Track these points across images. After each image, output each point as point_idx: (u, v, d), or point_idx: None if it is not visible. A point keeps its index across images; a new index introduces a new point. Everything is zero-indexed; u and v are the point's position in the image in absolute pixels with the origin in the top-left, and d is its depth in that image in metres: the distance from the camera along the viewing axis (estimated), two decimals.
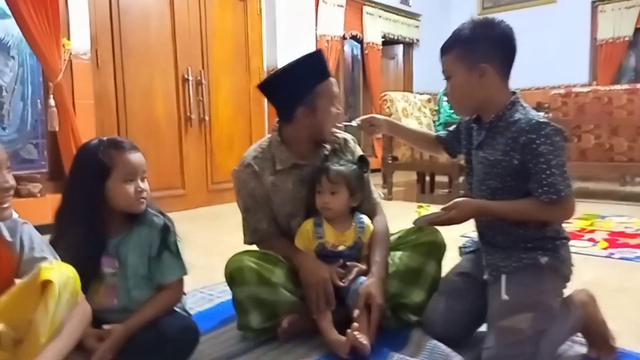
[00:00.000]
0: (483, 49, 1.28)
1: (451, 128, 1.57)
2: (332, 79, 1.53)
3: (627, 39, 5.81)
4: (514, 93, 1.32)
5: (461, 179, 4.15)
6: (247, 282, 1.38)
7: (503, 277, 1.25)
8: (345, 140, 1.64)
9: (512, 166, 1.24)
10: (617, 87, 3.90)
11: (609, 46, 5.90)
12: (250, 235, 1.58)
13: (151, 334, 1.21)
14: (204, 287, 1.94)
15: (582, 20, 6.05)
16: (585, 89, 4.02)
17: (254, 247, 1.56)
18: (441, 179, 4.86)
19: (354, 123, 1.65)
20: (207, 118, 3.98)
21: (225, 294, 1.72)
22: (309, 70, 1.50)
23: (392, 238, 1.56)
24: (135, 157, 1.28)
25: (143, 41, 3.59)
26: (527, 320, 1.17)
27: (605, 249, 2.46)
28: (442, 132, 1.61)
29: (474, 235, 1.47)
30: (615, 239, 2.63)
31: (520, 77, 1.36)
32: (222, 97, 4.14)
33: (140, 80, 3.59)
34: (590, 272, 2.04)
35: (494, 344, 1.18)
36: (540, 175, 1.19)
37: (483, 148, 1.33)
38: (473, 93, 1.31)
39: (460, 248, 1.53)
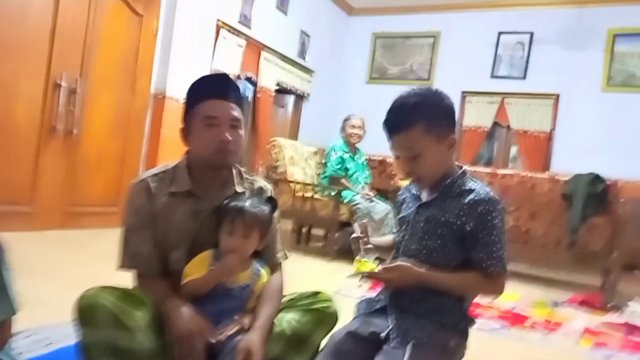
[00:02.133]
0: (445, 119, 1.28)
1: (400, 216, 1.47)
2: (219, 101, 1.39)
3: (486, 129, 6.62)
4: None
5: (337, 234, 4.22)
6: (100, 323, 1.16)
7: (409, 346, 1.21)
8: (260, 188, 1.54)
9: (462, 231, 1.23)
10: (481, 169, 4.36)
11: (472, 133, 6.66)
12: (128, 259, 1.37)
13: None
14: (41, 327, 1.61)
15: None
16: None
17: (116, 283, 1.33)
18: (317, 231, 4.90)
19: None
20: (75, 131, 3.54)
21: (67, 338, 1.44)
22: (193, 90, 1.43)
23: (285, 299, 1.46)
24: None
25: (14, 34, 3.13)
26: None
27: None
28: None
29: (370, 295, 1.42)
30: (471, 310, 2.80)
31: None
32: (98, 112, 3.74)
33: (1, 77, 3.10)
34: None
35: None
36: (491, 247, 1.21)
37: (431, 208, 1.30)
38: (442, 164, 1.29)
39: (357, 306, 1.46)
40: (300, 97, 7.00)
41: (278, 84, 6.34)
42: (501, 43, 6.45)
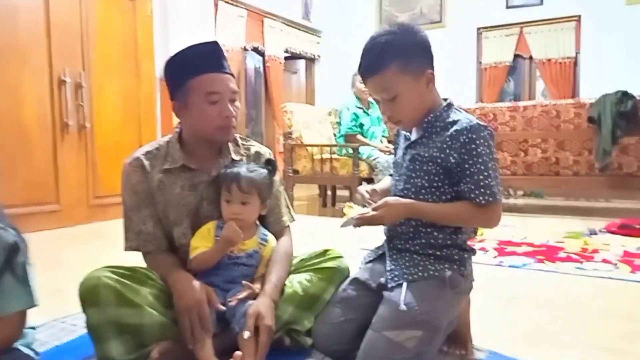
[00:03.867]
0: (420, 54, 1.22)
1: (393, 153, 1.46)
2: (217, 75, 1.35)
3: (507, 64, 6.33)
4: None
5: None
6: (104, 303, 1.16)
7: (404, 285, 1.18)
8: (257, 153, 1.51)
9: (447, 164, 1.19)
10: (501, 104, 4.18)
11: (492, 70, 6.38)
12: (134, 238, 1.37)
13: None
14: (66, 315, 1.65)
15: (469, 45, 6.49)
16: (473, 106, 4.26)
17: (121, 263, 1.34)
18: (343, 192, 4.87)
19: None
20: (88, 125, 3.58)
21: None
22: (186, 63, 1.35)
23: (295, 260, 1.46)
24: None
25: (9, 36, 3.14)
26: (414, 340, 1.12)
27: (495, 257, 2.54)
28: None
29: (375, 245, 1.40)
30: (503, 248, 2.73)
31: None
32: (106, 103, 3.77)
33: (6, 80, 3.14)
34: (482, 280, 2.06)
35: (375, 353, 1.12)
36: (477, 176, 1.16)
37: (416, 147, 1.26)
38: (423, 102, 1.24)
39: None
40: (311, 60, 6.87)
41: (286, 50, 6.22)
42: None
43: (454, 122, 1.20)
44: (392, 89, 1.21)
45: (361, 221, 1.22)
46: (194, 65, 1.34)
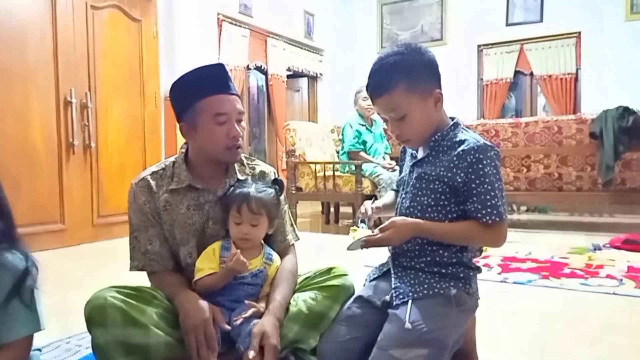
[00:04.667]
0: (428, 74, 1.23)
1: (399, 174, 1.46)
2: (225, 96, 1.37)
3: (508, 80, 6.37)
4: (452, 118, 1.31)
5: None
6: (110, 323, 1.16)
7: (410, 303, 1.18)
8: (262, 172, 1.53)
9: (454, 183, 1.20)
10: (502, 120, 4.21)
11: (494, 86, 6.43)
12: (140, 257, 1.39)
13: None
14: (71, 335, 1.65)
15: (470, 62, 6.55)
16: (474, 122, 4.28)
17: (126, 282, 1.35)
18: (347, 209, 4.87)
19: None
20: (93, 145, 3.62)
21: None
22: (193, 84, 1.38)
23: (300, 278, 1.46)
24: None
25: (17, 58, 3.20)
26: (420, 358, 1.12)
27: (499, 273, 2.54)
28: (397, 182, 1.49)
29: (379, 262, 1.40)
30: (507, 264, 2.73)
31: None
32: (112, 123, 3.81)
33: (13, 101, 3.18)
34: (486, 297, 2.05)
35: None
36: (484, 196, 1.17)
37: (423, 165, 1.27)
38: (431, 121, 1.25)
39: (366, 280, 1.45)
40: (313, 78, 6.93)
41: (289, 69, 6.29)
42: None
43: (461, 142, 1.21)
44: (401, 109, 1.22)
45: (369, 243, 1.22)
46: (202, 87, 1.36)
